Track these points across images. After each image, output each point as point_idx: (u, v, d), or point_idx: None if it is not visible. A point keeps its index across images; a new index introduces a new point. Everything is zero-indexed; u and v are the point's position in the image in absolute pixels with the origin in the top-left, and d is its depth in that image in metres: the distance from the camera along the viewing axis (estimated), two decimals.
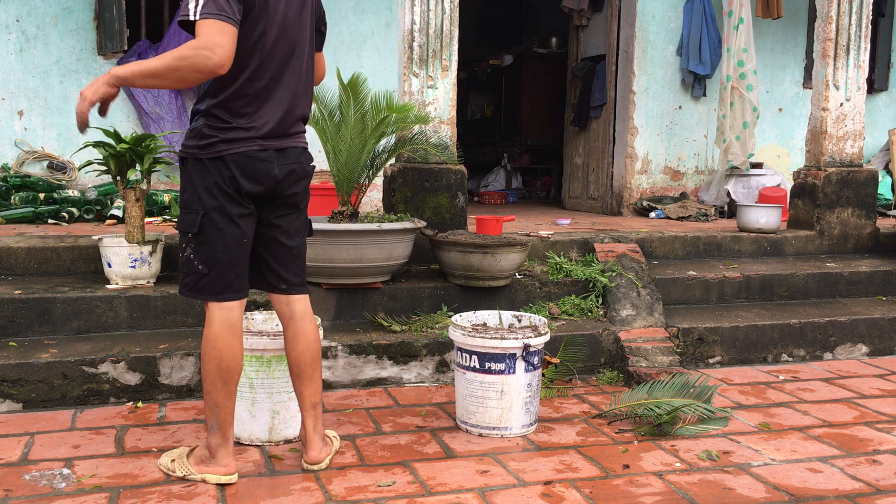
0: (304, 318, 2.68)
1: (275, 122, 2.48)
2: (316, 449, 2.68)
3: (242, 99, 2.42)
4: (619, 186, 6.98)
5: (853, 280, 4.90)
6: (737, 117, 6.41)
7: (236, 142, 2.41)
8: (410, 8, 4.38)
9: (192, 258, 2.48)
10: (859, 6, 5.28)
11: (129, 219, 3.79)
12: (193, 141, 2.44)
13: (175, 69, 2.24)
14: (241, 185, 2.43)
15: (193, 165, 2.45)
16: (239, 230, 2.48)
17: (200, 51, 2.22)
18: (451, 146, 4.39)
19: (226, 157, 2.41)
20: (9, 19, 5.58)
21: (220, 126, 2.41)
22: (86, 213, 5.36)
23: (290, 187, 2.57)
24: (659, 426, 3.11)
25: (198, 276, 2.48)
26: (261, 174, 2.46)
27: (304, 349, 2.66)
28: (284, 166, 2.52)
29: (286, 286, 2.66)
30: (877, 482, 2.67)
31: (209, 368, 2.50)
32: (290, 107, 2.52)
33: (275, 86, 2.47)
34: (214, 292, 2.48)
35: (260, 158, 2.45)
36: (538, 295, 4.24)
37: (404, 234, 3.89)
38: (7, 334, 3.50)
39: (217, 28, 2.24)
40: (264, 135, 2.46)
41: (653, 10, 6.78)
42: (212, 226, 2.44)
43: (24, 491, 2.46)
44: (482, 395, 3.03)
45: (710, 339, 4.13)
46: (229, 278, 2.49)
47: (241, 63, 2.39)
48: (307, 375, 2.67)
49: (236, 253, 2.50)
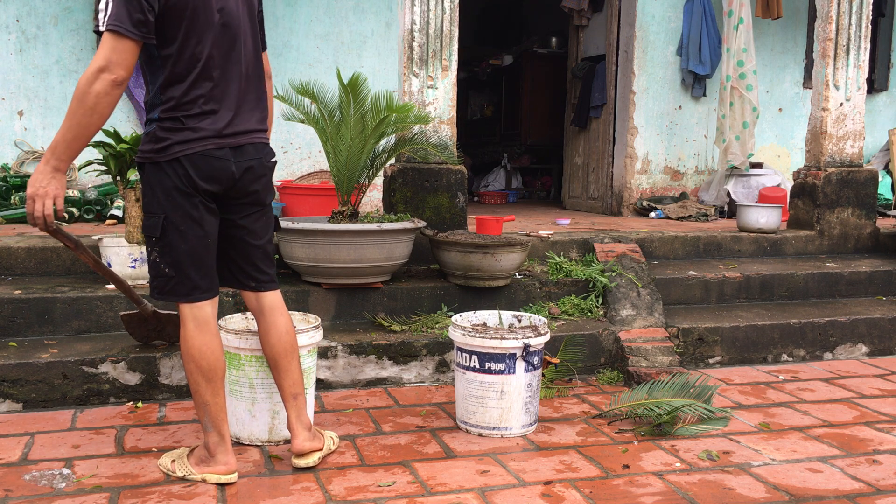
0: (274, 311, 2.70)
1: (227, 119, 2.47)
2: (300, 438, 2.67)
3: (191, 101, 2.41)
4: (619, 186, 6.98)
5: (853, 280, 4.90)
6: (737, 117, 6.41)
7: (190, 142, 2.41)
8: (410, 8, 4.38)
9: (157, 261, 2.49)
10: (859, 6, 5.28)
11: (129, 219, 3.79)
12: (149, 146, 2.43)
13: (85, 110, 2.25)
14: (198, 184, 2.43)
15: (151, 170, 2.45)
16: (201, 230, 2.48)
17: (96, 85, 2.23)
18: (451, 146, 4.39)
19: (181, 158, 2.41)
20: (9, 19, 5.58)
21: (172, 128, 2.40)
22: (86, 213, 5.37)
23: (250, 185, 2.56)
24: (659, 426, 3.11)
25: (165, 278, 2.50)
26: (217, 172, 2.46)
27: (276, 341, 2.68)
28: (241, 163, 2.51)
29: (255, 284, 2.69)
30: (877, 482, 2.67)
31: (190, 369, 2.51)
32: (240, 102, 2.51)
33: (223, 83, 2.46)
34: (183, 294, 2.50)
35: (216, 157, 2.45)
36: (538, 295, 4.24)
37: (404, 234, 3.89)
38: (7, 334, 3.50)
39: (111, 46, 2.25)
40: (218, 133, 2.45)
41: (653, 10, 6.78)
42: (173, 228, 2.44)
43: (24, 491, 2.46)
44: (482, 395, 3.03)
45: (710, 339, 4.13)
46: (195, 279, 2.50)
47: (186, 67, 2.39)
48: (283, 367, 2.69)
49: (201, 253, 2.50)
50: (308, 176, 5.96)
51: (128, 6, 2.25)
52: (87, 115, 2.25)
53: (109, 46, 2.24)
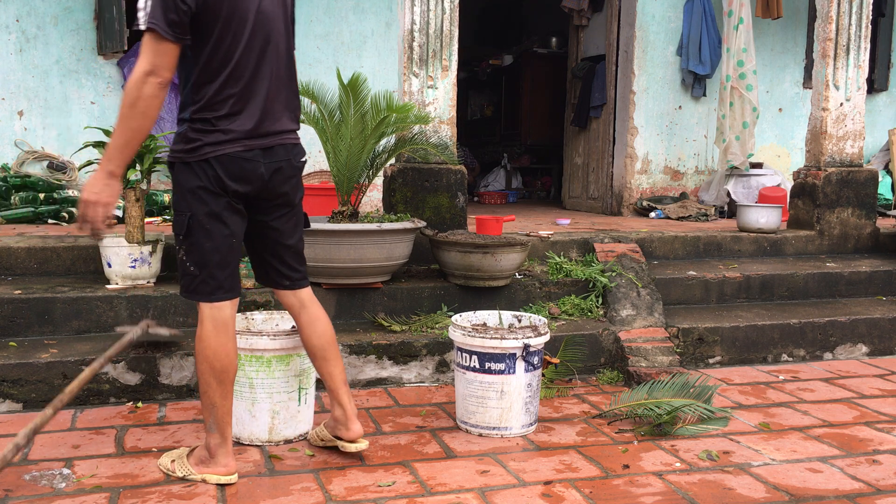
0: (314, 302, 2.76)
1: (257, 120, 2.48)
2: (357, 424, 2.74)
3: (223, 101, 2.42)
4: (619, 186, 6.98)
5: (853, 280, 4.90)
6: (736, 117, 6.41)
7: (220, 144, 2.43)
8: (410, 8, 4.38)
9: (184, 260, 2.51)
10: (859, 6, 5.28)
11: (129, 219, 3.79)
12: (179, 146, 2.45)
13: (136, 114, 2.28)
14: (228, 185, 2.45)
15: (180, 169, 2.47)
16: (227, 230, 2.49)
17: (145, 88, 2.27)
18: (451, 146, 4.39)
19: (211, 159, 2.42)
20: (9, 19, 5.58)
21: (203, 129, 2.42)
22: None
23: (279, 185, 2.58)
24: (659, 426, 3.11)
25: (190, 277, 2.51)
26: (247, 174, 2.48)
27: (322, 331, 2.73)
28: (271, 164, 2.53)
29: (289, 282, 2.72)
30: (877, 482, 2.67)
31: (203, 368, 2.51)
32: (271, 104, 2.52)
33: (254, 84, 2.47)
34: (207, 293, 2.50)
35: (245, 158, 2.46)
36: (538, 295, 4.24)
37: (404, 234, 3.89)
38: (7, 334, 3.50)
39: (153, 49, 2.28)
40: (248, 134, 2.46)
41: (653, 10, 6.78)
42: (199, 227, 2.46)
43: (24, 491, 2.47)
44: (482, 395, 3.03)
45: (710, 339, 4.13)
46: (220, 278, 2.50)
47: (218, 67, 2.40)
48: (332, 355, 2.75)
49: (226, 253, 2.51)
50: (308, 176, 5.96)
51: (163, 6, 2.27)
52: (139, 118, 2.29)
53: (152, 49, 2.28)
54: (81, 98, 5.75)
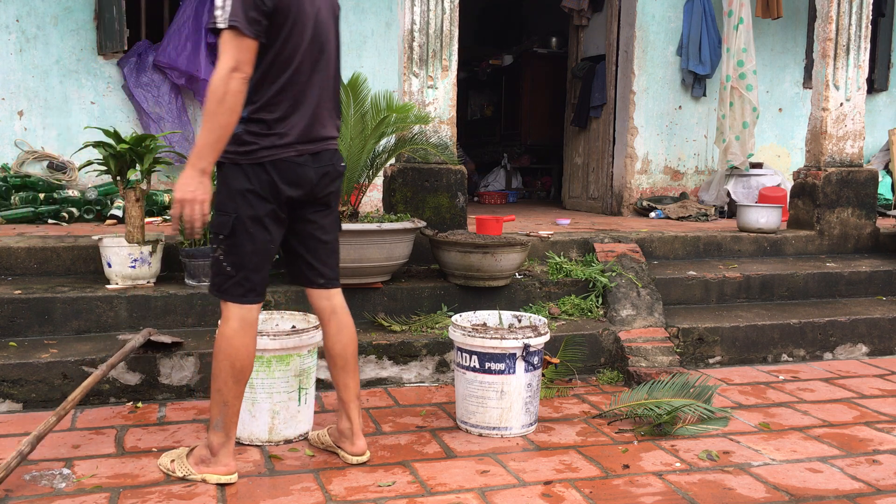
0: (345, 310, 2.77)
1: (308, 125, 2.53)
2: (363, 440, 2.76)
3: (279, 104, 2.46)
4: (619, 186, 6.97)
5: (853, 280, 4.90)
6: (736, 117, 6.41)
7: (275, 148, 2.46)
8: (410, 8, 4.38)
9: (221, 259, 2.51)
10: (859, 6, 5.28)
11: (129, 219, 3.79)
12: (233, 146, 2.45)
13: (225, 111, 2.30)
14: (281, 190, 2.48)
15: (231, 170, 2.47)
16: (269, 235, 2.52)
17: (231, 84, 2.29)
18: (451, 146, 4.39)
19: (266, 163, 2.45)
20: (9, 19, 5.58)
21: (259, 132, 2.44)
22: (86, 213, 5.36)
23: (324, 189, 2.62)
24: (659, 426, 3.11)
25: (224, 276, 2.51)
26: (299, 178, 2.52)
27: (348, 341, 2.75)
28: (319, 169, 2.57)
29: (324, 280, 2.73)
30: (877, 482, 2.67)
31: (223, 366, 2.51)
32: (320, 110, 2.57)
33: (307, 89, 2.52)
34: (238, 294, 2.51)
35: (298, 163, 2.51)
36: (538, 295, 4.24)
37: (404, 234, 3.89)
38: (7, 334, 3.50)
39: (235, 45, 2.29)
40: (300, 139, 2.51)
41: (653, 10, 6.78)
42: (243, 229, 2.47)
43: (24, 491, 2.47)
44: (482, 395, 3.03)
45: (710, 339, 4.13)
46: (254, 281, 2.53)
47: (279, 69, 2.44)
48: (352, 367, 2.76)
49: (264, 258, 2.54)
50: None
51: (244, 4, 2.30)
52: (227, 114, 2.30)
53: (235, 46, 2.30)
54: (81, 98, 5.75)
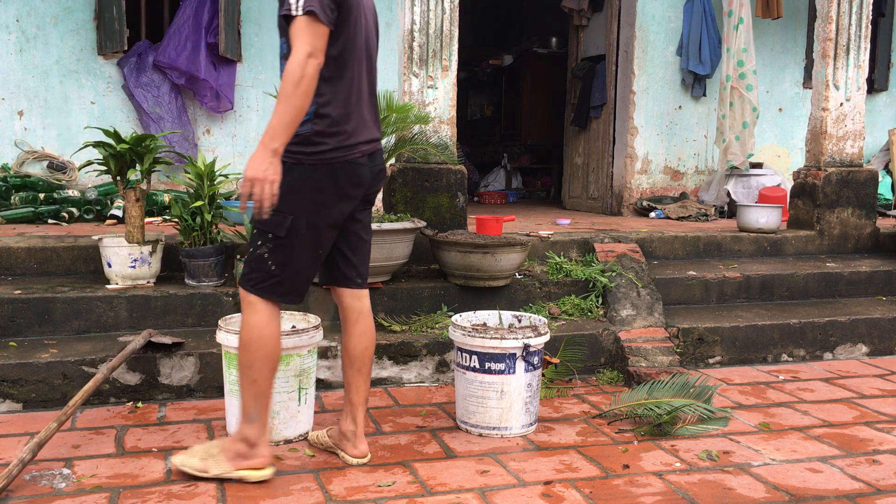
0: (370, 315, 2.79)
1: (363, 124, 2.55)
2: (365, 443, 2.78)
3: (343, 103, 2.48)
4: (619, 186, 6.98)
5: (853, 280, 4.90)
6: (736, 117, 6.41)
7: (342, 149, 2.47)
8: (410, 8, 4.38)
9: (265, 257, 2.49)
10: (859, 6, 5.28)
11: (129, 219, 3.79)
12: (300, 147, 2.44)
13: (300, 94, 2.29)
14: (347, 191, 2.50)
15: (296, 170, 2.45)
16: (320, 241, 2.53)
17: (307, 69, 2.28)
18: (451, 146, 4.39)
19: (334, 164, 2.46)
20: (9, 19, 5.58)
21: (328, 132, 2.45)
22: (86, 213, 5.36)
23: (373, 188, 2.65)
24: (659, 426, 3.11)
25: (267, 274, 2.49)
26: (360, 179, 2.55)
27: (369, 344, 2.77)
28: (373, 168, 2.60)
29: (360, 280, 2.75)
30: (877, 482, 2.67)
31: (258, 356, 2.50)
32: (369, 110, 2.60)
33: (361, 89, 2.54)
34: (280, 294, 2.51)
35: (360, 163, 2.53)
36: (538, 295, 4.24)
37: (404, 234, 3.89)
38: (7, 334, 3.50)
39: (311, 31, 2.30)
40: (360, 139, 2.53)
41: (653, 10, 6.78)
42: (296, 232, 2.47)
43: (24, 491, 2.47)
44: (482, 395, 3.03)
45: (710, 339, 4.13)
46: (298, 283, 2.54)
47: (341, 68, 2.46)
48: (367, 370, 2.78)
49: (312, 262, 2.56)
50: None
51: None
52: (302, 97, 2.30)
53: (311, 32, 2.30)
54: (81, 98, 5.75)
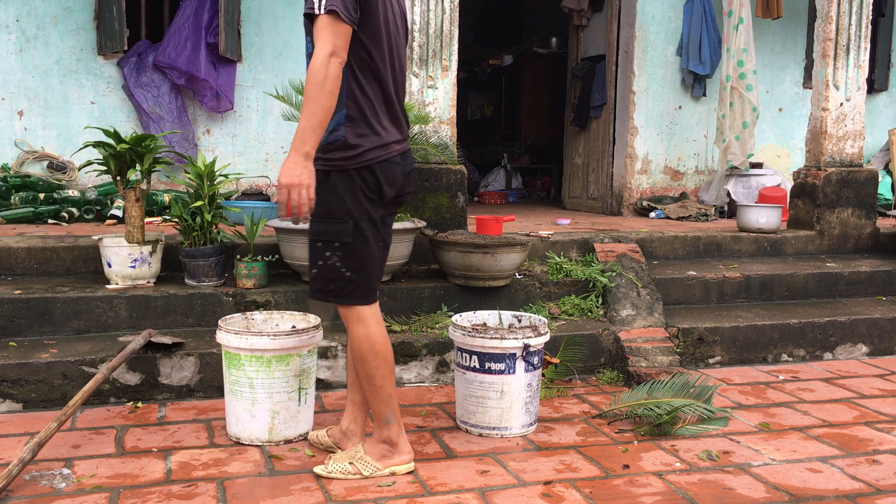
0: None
1: (395, 124, 2.56)
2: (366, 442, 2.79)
3: (379, 104, 2.49)
4: (619, 186, 6.98)
5: (853, 280, 4.90)
6: (736, 117, 6.41)
7: (379, 149, 2.48)
8: (410, 8, 4.38)
9: (338, 266, 2.50)
10: (859, 6, 5.28)
11: (129, 219, 3.79)
12: (338, 153, 2.45)
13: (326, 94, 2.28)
14: (385, 191, 2.51)
15: (339, 176, 2.46)
16: (379, 234, 2.57)
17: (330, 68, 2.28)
18: (451, 146, 4.39)
19: (373, 165, 2.47)
20: (9, 19, 5.58)
21: (364, 134, 2.45)
22: (86, 213, 5.36)
23: (405, 187, 2.66)
24: (659, 426, 3.11)
25: (345, 282, 2.51)
26: (397, 178, 2.56)
27: None
28: (406, 167, 2.62)
29: (381, 285, 2.80)
30: (877, 482, 2.67)
31: (377, 363, 2.55)
32: (400, 109, 2.60)
33: (390, 89, 2.54)
34: (361, 296, 2.54)
35: (395, 163, 2.54)
36: (538, 295, 4.24)
37: (404, 234, 3.89)
38: (7, 334, 3.50)
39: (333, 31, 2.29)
40: (394, 139, 2.54)
41: (653, 10, 6.78)
42: (360, 233, 2.49)
43: (24, 491, 2.47)
44: (482, 395, 3.03)
45: (710, 339, 4.13)
46: (373, 281, 2.57)
47: (371, 67, 2.45)
48: None
49: (379, 256, 2.60)
50: None
51: None
52: (328, 98, 2.30)
53: (333, 31, 2.29)
54: (81, 98, 5.75)
